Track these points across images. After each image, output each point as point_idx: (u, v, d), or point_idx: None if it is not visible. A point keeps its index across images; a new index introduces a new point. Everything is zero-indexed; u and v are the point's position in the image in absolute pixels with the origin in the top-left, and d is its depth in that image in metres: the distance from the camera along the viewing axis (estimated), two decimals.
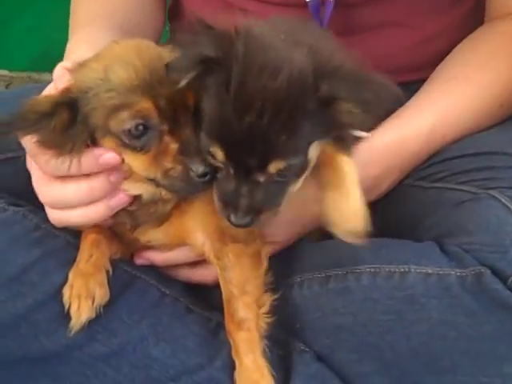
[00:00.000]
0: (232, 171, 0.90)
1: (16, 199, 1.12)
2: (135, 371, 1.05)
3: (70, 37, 1.32)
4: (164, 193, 1.00)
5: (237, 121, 0.86)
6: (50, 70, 2.57)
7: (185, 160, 0.93)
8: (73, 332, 1.01)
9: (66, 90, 0.96)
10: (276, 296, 1.07)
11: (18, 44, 2.44)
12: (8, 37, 2.44)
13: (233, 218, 0.91)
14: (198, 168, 0.92)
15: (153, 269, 1.13)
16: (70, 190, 0.98)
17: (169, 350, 1.06)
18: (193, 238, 1.06)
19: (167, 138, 0.94)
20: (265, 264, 1.07)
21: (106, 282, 1.03)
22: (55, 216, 1.03)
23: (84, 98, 0.94)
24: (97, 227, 1.06)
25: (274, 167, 0.88)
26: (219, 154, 0.89)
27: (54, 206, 1.02)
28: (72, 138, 0.94)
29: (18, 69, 2.50)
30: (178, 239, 1.07)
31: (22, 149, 1.16)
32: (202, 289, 1.17)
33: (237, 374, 1.03)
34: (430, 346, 0.98)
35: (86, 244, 1.05)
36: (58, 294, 1.03)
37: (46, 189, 1.00)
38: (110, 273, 1.04)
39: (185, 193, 0.99)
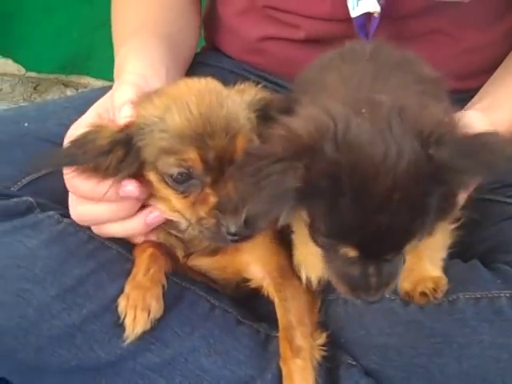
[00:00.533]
0: (358, 259, 0.87)
1: (67, 210, 1.13)
2: (187, 382, 1.06)
3: (117, 46, 1.32)
4: None
5: (368, 222, 0.82)
6: (78, 72, 2.59)
7: (219, 216, 0.94)
8: (127, 342, 1.03)
9: (126, 127, 0.98)
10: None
11: (46, 46, 2.45)
12: (37, 39, 2.46)
13: (365, 297, 0.90)
14: (230, 227, 0.93)
15: (201, 281, 1.15)
16: (101, 210, 1.02)
17: (220, 362, 1.07)
18: (250, 272, 1.10)
19: (208, 190, 0.96)
20: (319, 302, 1.11)
21: (161, 296, 1.05)
22: (96, 231, 1.08)
23: (140, 134, 0.97)
24: (153, 241, 1.08)
25: (408, 247, 0.87)
26: (352, 252, 0.86)
27: (83, 223, 1.07)
28: (120, 169, 0.97)
29: (47, 71, 2.51)
30: (232, 271, 1.11)
31: None
32: (249, 300, 1.18)
33: None
34: (481, 369, 1.00)
35: (144, 258, 1.07)
36: (112, 305, 1.05)
37: (78, 208, 1.05)
38: (165, 287, 1.06)
39: (212, 242, 1.02)
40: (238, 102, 1.00)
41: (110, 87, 1.11)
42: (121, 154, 0.97)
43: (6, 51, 2.50)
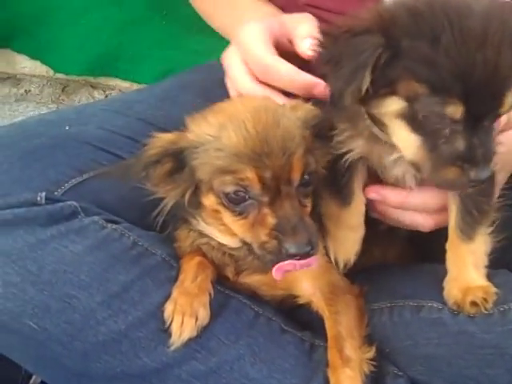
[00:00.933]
0: (461, 125, 0.85)
1: (110, 214, 1.13)
2: None
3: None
4: None
5: (470, 62, 0.81)
6: (106, 74, 2.59)
7: (279, 237, 0.94)
8: (173, 348, 1.02)
9: (177, 138, 1.00)
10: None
11: (75, 48, 2.44)
12: (65, 41, 2.45)
13: (473, 174, 0.87)
14: (291, 248, 0.93)
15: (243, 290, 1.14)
16: None
17: (265, 370, 1.06)
18: (300, 288, 1.10)
19: (266, 210, 0.96)
20: (367, 318, 1.11)
21: (208, 304, 1.04)
22: None
23: (194, 152, 0.98)
24: (200, 252, 1.08)
25: (510, 97, 0.85)
26: (458, 108, 0.84)
27: None
28: (175, 184, 1.01)
29: (75, 73, 2.50)
30: (282, 287, 1.11)
31: (112, 164, 1.20)
32: (291, 309, 1.17)
33: None
34: None
35: (192, 265, 1.07)
36: (157, 312, 1.05)
37: None
38: (212, 296, 1.06)
39: (271, 264, 1.01)
40: (292, 119, 1.00)
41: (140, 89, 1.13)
42: (169, 166, 0.99)
43: (34, 53, 2.49)
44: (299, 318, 1.17)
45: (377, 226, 1.16)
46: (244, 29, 1.17)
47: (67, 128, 1.23)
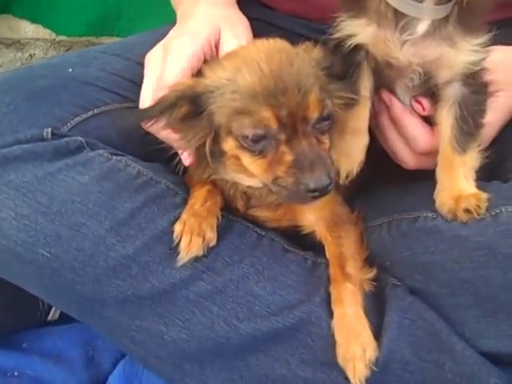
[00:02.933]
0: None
1: (115, 150, 1.17)
2: (238, 307, 1.10)
3: None
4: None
5: None
6: (108, 33, 2.60)
7: (297, 174, 0.96)
8: (180, 264, 1.07)
9: (194, 84, 1.02)
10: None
11: (75, 9, 2.46)
12: (66, 2, 2.47)
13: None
14: (310, 184, 0.95)
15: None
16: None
17: (270, 287, 1.11)
18: (303, 219, 1.15)
19: (284, 148, 0.98)
20: (365, 244, 1.15)
21: (215, 226, 1.09)
22: None
23: (211, 97, 1.00)
24: (210, 182, 1.13)
25: None
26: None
27: None
28: (194, 130, 1.02)
29: (77, 34, 2.53)
30: (288, 218, 1.16)
31: (116, 102, 1.23)
32: (293, 234, 1.22)
33: (336, 324, 1.08)
34: None
35: (203, 191, 1.12)
36: (163, 237, 1.09)
37: None
38: (219, 221, 1.10)
39: (289, 201, 1.05)
40: (307, 59, 1.02)
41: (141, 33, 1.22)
42: (185, 110, 1.01)
43: (35, 17, 2.51)
44: (302, 242, 1.21)
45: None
46: (174, 43, 1.15)
47: (70, 70, 1.27)
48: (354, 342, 1.05)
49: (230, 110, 0.98)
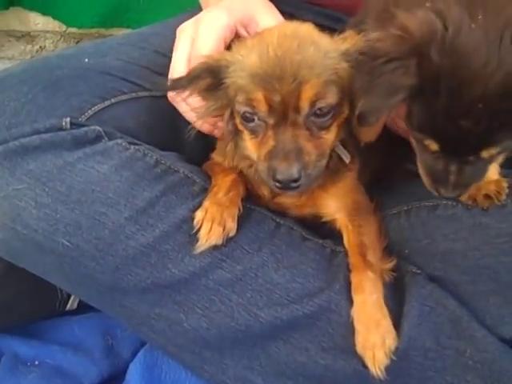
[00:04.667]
0: (442, 155, 0.94)
1: (132, 139, 1.17)
2: (258, 296, 1.10)
3: None
4: None
5: (452, 125, 0.87)
6: (118, 25, 2.60)
7: (270, 160, 0.97)
8: (198, 252, 1.07)
9: (219, 57, 1.04)
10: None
11: (85, 1, 2.46)
12: None
13: (443, 191, 0.97)
14: (277, 174, 0.96)
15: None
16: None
17: (289, 275, 1.11)
18: (325, 206, 1.14)
19: (270, 132, 0.99)
20: (384, 234, 1.15)
21: (236, 216, 1.09)
22: None
23: (227, 71, 1.01)
24: (234, 171, 1.14)
25: (486, 153, 0.91)
26: (433, 146, 0.93)
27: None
28: (214, 101, 1.05)
29: (86, 25, 2.52)
30: (310, 205, 1.15)
31: (132, 91, 1.24)
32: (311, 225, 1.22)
33: (356, 312, 1.08)
34: None
35: (226, 180, 1.12)
36: (183, 226, 1.10)
37: None
38: (241, 212, 1.10)
39: (265, 184, 1.05)
40: (324, 50, 0.99)
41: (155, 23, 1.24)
42: (208, 82, 1.03)
43: (45, 9, 2.51)
44: (320, 231, 1.21)
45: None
46: (208, 15, 1.16)
47: (86, 60, 1.27)
48: (374, 330, 1.05)
49: (236, 85, 1.00)
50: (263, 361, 1.13)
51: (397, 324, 1.08)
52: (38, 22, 2.58)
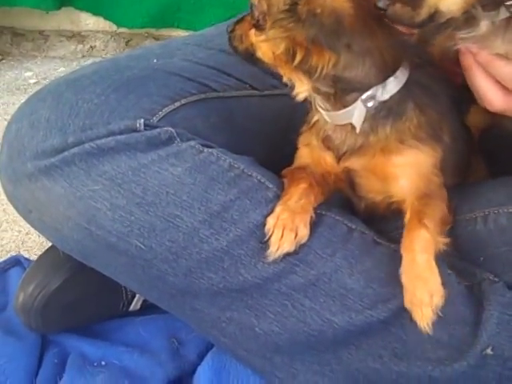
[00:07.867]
0: None
1: (203, 141, 1.17)
2: (331, 301, 1.09)
3: None
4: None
5: None
6: (168, 25, 2.63)
7: None
8: (269, 259, 1.06)
9: None
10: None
11: (136, 1, 2.48)
12: None
13: None
14: None
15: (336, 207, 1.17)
16: None
17: (363, 281, 1.10)
18: (395, 183, 1.09)
19: None
20: (451, 223, 1.10)
21: (308, 223, 1.08)
22: None
23: None
24: (308, 179, 1.11)
25: None
26: None
27: None
28: None
29: (137, 26, 2.55)
30: (381, 175, 1.10)
31: (201, 92, 1.23)
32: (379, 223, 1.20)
33: (404, 268, 1.02)
34: None
35: (299, 188, 1.09)
36: (256, 231, 1.09)
37: None
38: (313, 218, 1.09)
39: None
40: None
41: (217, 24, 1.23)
42: None
43: (97, 9, 2.54)
44: (388, 234, 1.18)
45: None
46: None
47: (155, 61, 1.27)
48: (422, 287, 1.01)
49: None
50: (334, 366, 1.12)
51: (474, 332, 1.05)
52: (89, 21, 2.61)
